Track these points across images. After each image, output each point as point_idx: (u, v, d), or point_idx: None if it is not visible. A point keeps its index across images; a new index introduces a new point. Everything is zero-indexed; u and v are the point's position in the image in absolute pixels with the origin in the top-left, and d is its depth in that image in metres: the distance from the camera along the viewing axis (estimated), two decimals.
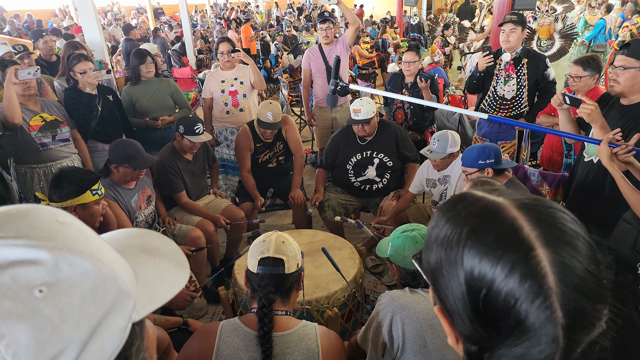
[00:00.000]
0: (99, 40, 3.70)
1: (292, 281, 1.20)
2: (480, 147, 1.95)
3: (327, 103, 1.98)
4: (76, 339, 0.30)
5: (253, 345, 1.10)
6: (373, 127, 2.63)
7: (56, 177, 1.71)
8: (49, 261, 0.31)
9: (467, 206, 0.46)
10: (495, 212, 0.44)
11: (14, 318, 0.28)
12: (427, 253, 0.49)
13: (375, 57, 8.02)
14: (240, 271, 1.88)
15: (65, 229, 0.34)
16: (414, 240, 1.31)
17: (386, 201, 2.67)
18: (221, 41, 3.12)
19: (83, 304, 0.31)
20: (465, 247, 0.43)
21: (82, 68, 2.54)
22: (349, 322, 1.89)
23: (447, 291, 0.45)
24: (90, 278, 0.32)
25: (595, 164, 1.93)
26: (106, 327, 0.32)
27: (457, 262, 0.43)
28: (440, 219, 0.48)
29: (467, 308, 0.43)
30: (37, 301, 0.29)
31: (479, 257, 0.42)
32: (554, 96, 1.89)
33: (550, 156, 2.99)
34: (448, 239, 0.45)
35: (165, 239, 0.43)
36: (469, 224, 0.45)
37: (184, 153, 2.58)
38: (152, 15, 12.98)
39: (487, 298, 0.41)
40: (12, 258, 0.30)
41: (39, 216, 0.34)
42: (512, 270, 0.40)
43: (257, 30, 9.44)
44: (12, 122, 2.22)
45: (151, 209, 2.38)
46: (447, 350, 1.19)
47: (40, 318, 0.29)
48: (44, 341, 0.29)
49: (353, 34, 3.32)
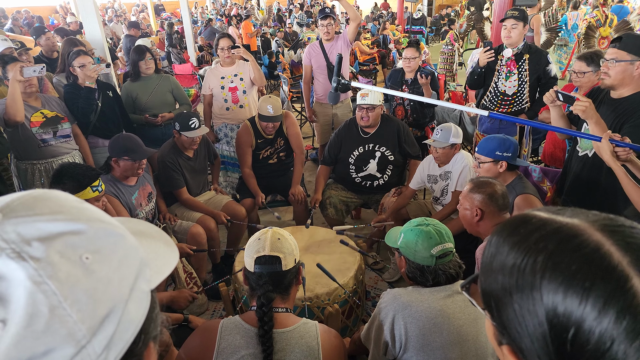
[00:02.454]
0: (100, 36, 3.69)
1: (291, 277, 1.19)
2: (501, 139, 1.93)
3: (329, 100, 1.98)
4: (120, 299, 0.34)
5: (254, 342, 1.10)
6: (377, 117, 2.62)
7: (57, 173, 1.71)
8: (88, 231, 0.34)
9: (534, 230, 0.41)
10: (574, 236, 0.38)
11: (74, 280, 0.31)
12: (487, 283, 0.43)
13: (376, 53, 7.99)
14: (241, 267, 1.88)
15: (86, 207, 0.38)
16: (428, 236, 1.28)
17: (387, 198, 2.66)
18: (221, 37, 3.11)
19: (120, 268, 0.35)
20: (543, 278, 0.37)
21: (80, 62, 2.54)
22: (350, 318, 1.90)
23: (521, 329, 0.39)
24: (121, 246, 0.36)
25: (590, 157, 1.94)
26: (137, 290, 0.36)
27: (534, 297, 0.37)
28: (502, 244, 0.42)
29: (549, 351, 0.37)
30: (88, 265, 0.33)
31: (562, 291, 0.36)
32: (547, 93, 1.89)
33: (553, 152, 2.97)
34: (519, 268, 0.39)
35: (147, 224, 0.45)
36: (543, 250, 0.38)
37: (185, 149, 2.57)
38: (152, 11, 12.95)
39: (575, 339, 0.35)
40: (57, 230, 0.33)
41: (61, 197, 0.37)
42: (607, 305, 0.34)
43: (257, 27, 9.41)
44: (14, 119, 2.22)
45: (152, 205, 2.38)
46: (450, 349, 1.18)
47: (94, 280, 0.33)
48: (98, 300, 0.32)
49: (354, 30, 3.31)
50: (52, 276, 0.30)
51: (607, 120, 1.76)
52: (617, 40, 1.76)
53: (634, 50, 1.71)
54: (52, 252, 0.31)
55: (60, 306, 0.30)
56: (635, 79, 1.76)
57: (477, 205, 1.60)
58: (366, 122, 2.60)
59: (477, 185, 1.64)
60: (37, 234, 0.32)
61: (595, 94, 1.99)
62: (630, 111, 1.77)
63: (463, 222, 1.69)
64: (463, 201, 1.66)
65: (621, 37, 1.77)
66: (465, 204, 1.64)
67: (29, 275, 0.30)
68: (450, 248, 1.29)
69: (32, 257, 0.31)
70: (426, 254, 1.26)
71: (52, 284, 0.30)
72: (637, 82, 1.77)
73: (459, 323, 1.21)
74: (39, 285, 0.30)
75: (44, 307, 0.30)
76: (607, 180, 1.81)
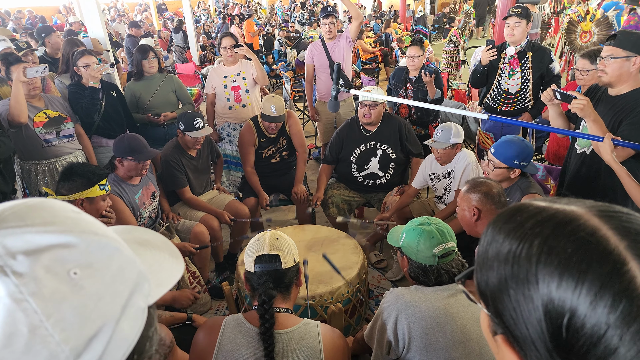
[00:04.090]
0: (103, 36, 3.71)
1: (291, 276, 1.20)
2: (521, 147, 1.88)
3: (329, 108, 2.00)
4: (112, 316, 0.32)
5: (255, 342, 1.11)
6: (379, 115, 2.62)
7: (67, 170, 1.74)
8: (80, 244, 0.33)
9: (529, 217, 0.40)
10: (570, 221, 0.38)
11: (59, 297, 0.30)
12: (482, 273, 0.42)
13: (378, 51, 7.97)
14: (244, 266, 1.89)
15: (83, 217, 0.36)
16: (430, 235, 1.27)
17: (390, 196, 2.66)
18: (224, 36, 3.12)
19: (114, 284, 0.33)
20: (539, 263, 0.37)
21: (85, 62, 2.55)
22: (353, 317, 1.89)
23: (516, 316, 0.38)
24: (116, 259, 0.34)
25: (588, 155, 1.94)
26: (132, 307, 0.34)
27: (530, 280, 0.37)
28: (497, 233, 0.42)
29: (544, 337, 0.36)
30: (77, 280, 0.31)
31: (558, 275, 0.35)
32: (544, 92, 1.88)
33: (557, 151, 2.96)
34: (514, 254, 0.39)
35: (153, 233, 0.44)
36: (539, 235, 0.38)
37: (188, 149, 2.58)
38: (155, 11, 12.97)
39: (571, 325, 0.35)
40: (46, 243, 0.31)
41: (56, 207, 0.35)
42: (603, 288, 0.34)
43: (259, 26, 9.41)
44: (18, 120, 2.23)
45: (155, 205, 2.39)
46: (453, 349, 1.18)
47: (82, 296, 0.31)
48: (86, 318, 0.31)
49: (356, 28, 3.30)
50: (35, 293, 0.29)
51: (605, 118, 1.76)
52: (612, 38, 1.77)
53: (629, 46, 1.71)
54: (37, 266, 0.30)
55: (42, 326, 0.29)
56: (633, 76, 1.76)
57: (474, 205, 1.61)
58: (368, 119, 2.60)
59: (473, 186, 1.64)
60: (24, 247, 0.30)
61: (593, 92, 1.98)
62: (628, 108, 1.77)
63: (462, 224, 1.70)
64: (461, 202, 1.66)
65: (616, 34, 1.78)
66: (463, 205, 1.65)
67: (9, 292, 0.28)
68: (452, 247, 1.29)
69: (15, 272, 0.29)
70: (428, 253, 1.26)
71: (34, 301, 0.29)
72: (634, 78, 1.77)
73: (462, 322, 1.20)
74: (20, 303, 0.28)
75: (23, 326, 0.28)
76: (606, 177, 1.81)
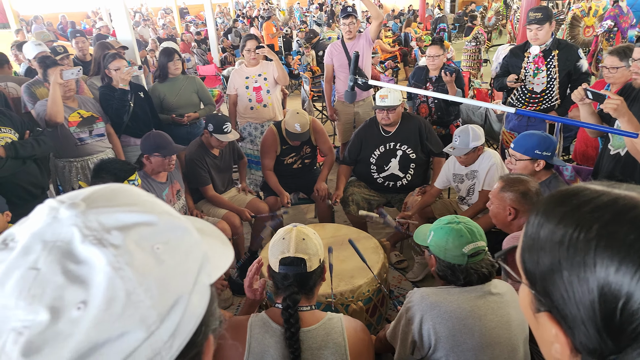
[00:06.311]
0: (131, 40, 3.85)
1: (316, 278, 1.18)
2: (541, 137, 1.86)
3: (345, 99, 1.98)
4: (186, 289, 0.35)
5: (282, 341, 1.10)
6: (397, 116, 2.60)
7: (97, 167, 1.83)
8: (159, 223, 0.36)
9: (587, 201, 0.40)
10: (633, 207, 0.37)
11: (148, 268, 0.33)
12: (532, 254, 0.42)
13: (397, 51, 7.92)
14: (265, 262, 1.92)
15: (156, 200, 0.40)
16: (459, 234, 1.24)
17: (411, 197, 2.64)
18: (248, 38, 3.17)
19: (187, 261, 0.36)
20: (598, 247, 0.37)
21: (116, 65, 2.67)
22: (374, 316, 1.90)
23: (568, 297, 0.38)
24: (187, 239, 0.38)
25: (622, 156, 1.89)
26: (199, 283, 0.37)
27: (587, 263, 0.37)
28: (550, 215, 0.41)
29: (596, 318, 0.37)
30: (159, 254, 0.34)
31: (618, 261, 0.36)
32: (575, 91, 1.82)
33: (585, 151, 2.87)
34: (570, 237, 0.39)
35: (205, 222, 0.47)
36: (598, 220, 0.38)
37: (211, 148, 2.64)
38: (178, 15, 13.30)
39: (625, 309, 0.35)
40: (133, 221, 0.35)
41: (134, 191, 0.39)
42: None
43: (279, 28, 9.50)
44: (54, 120, 2.36)
45: (181, 203, 2.46)
46: (481, 352, 1.16)
47: (163, 269, 0.34)
48: (167, 289, 0.34)
49: (376, 28, 3.30)
50: (129, 263, 0.32)
51: (639, 118, 1.70)
52: None
53: None
54: (128, 240, 0.33)
55: (135, 292, 0.32)
56: None
57: (510, 204, 1.55)
58: (387, 121, 2.59)
59: (509, 184, 1.57)
60: (116, 224, 0.34)
61: (627, 92, 1.92)
62: None
63: (495, 221, 1.65)
64: (494, 199, 1.61)
65: None
66: (497, 203, 1.59)
67: (109, 261, 0.32)
68: (482, 246, 1.26)
69: (112, 244, 0.32)
70: (457, 252, 1.24)
71: (129, 270, 0.32)
72: None
73: (490, 325, 1.18)
74: (118, 271, 0.32)
75: (121, 291, 0.31)
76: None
